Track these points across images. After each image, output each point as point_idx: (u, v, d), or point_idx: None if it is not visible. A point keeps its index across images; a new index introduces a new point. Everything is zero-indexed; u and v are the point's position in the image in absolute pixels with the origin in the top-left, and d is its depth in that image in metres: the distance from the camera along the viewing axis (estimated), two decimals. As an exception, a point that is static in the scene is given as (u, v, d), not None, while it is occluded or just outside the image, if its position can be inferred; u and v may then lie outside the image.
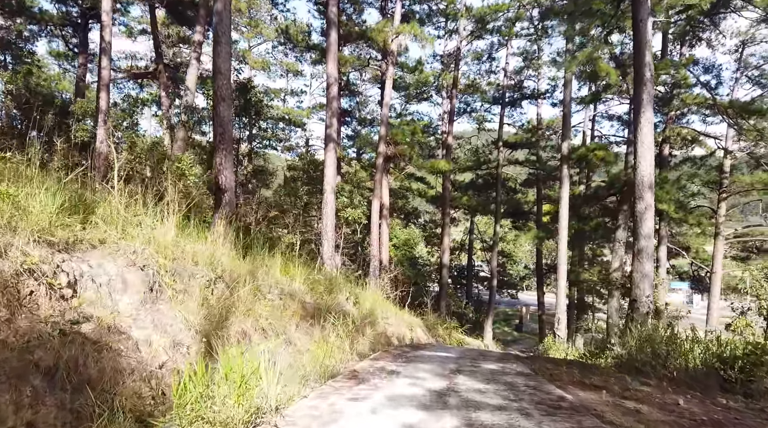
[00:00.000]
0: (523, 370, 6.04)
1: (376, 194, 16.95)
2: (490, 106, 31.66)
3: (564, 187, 17.04)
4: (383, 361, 6.63)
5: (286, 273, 9.46)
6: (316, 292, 9.90)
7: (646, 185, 9.18)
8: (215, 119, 8.65)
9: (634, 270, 9.31)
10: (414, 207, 33.86)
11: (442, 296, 24.50)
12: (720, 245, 24.83)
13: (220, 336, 5.32)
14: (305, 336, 7.62)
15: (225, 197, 8.49)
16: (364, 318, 11.80)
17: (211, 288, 5.96)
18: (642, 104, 9.30)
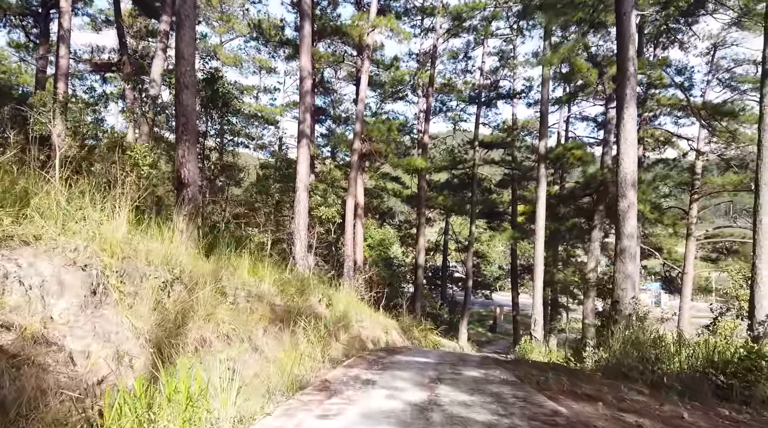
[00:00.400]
0: (508, 378, 5.62)
1: (351, 193, 16.43)
2: (466, 105, 31.47)
3: (541, 186, 16.82)
4: (358, 368, 6.14)
5: (254, 274, 8.89)
6: (286, 294, 9.35)
7: (629, 183, 8.92)
8: (177, 109, 8.04)
9: (616, 271, 9.04)
10: (389, 207, 33.44)
11: (417, 297, 24.12)
12: (691, 246, 25.07)
13: (175, 345, 4.77)
14: (274, 341, 7.09)
15: (188, 192, 7.87)
16: (338, 321, 11.31)
17: (167, 291, 5.39)
18: (625, 100, 9.03)
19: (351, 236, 16.37)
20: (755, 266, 9.73)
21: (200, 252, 7.70)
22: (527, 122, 32.07)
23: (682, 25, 20.17)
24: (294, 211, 15.00)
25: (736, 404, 5.13)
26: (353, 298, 13.61)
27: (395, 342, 14.44)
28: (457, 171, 31.31)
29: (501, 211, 33.63)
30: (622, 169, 9.00)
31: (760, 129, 9.93)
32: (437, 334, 23.29)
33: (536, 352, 15.26)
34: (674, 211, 27.18)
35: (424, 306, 26.09)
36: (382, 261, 23.98)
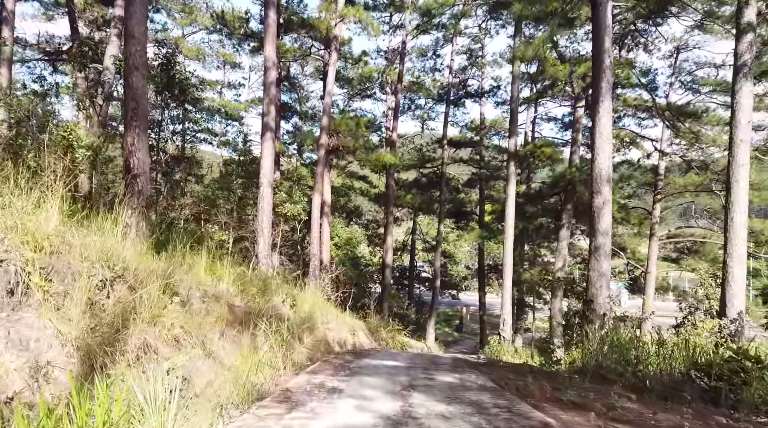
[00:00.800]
0: (486, 383, 5.21)
1: (317, 189, 15.84)
2: (435, 104, 31.26)
3: (510, 184, 16.62)
4: (323, 375, 5.63)
5: (212, 273, 8.26)
6: (247, 294, 8.74)
7: (605, 179, 8.67)
8: (126, 92, 7.35)
9: (590, 269, 8.78)
10: (356, 205, 32.91)
11: (384, 297, 23.68)
12: (654, 246, 25.42)
13: (112, 353, 4.16)
14: (232, 345, 6.51)
15: (137, 183, 7.20)
16: (302, 323, 10.76)
17: (107, 291, 4.76)
18: (601, 93, 8.79)
19: (317, 235, 15.79)
20: (726, 265, 9.65)
21: (151, 249, 7.05)
22: (495, 121, 32.04)
23: (649, 26, 20.35)
24: (257, 208, 14.35)
25: (724, 409, 4.84)
26: (319, 298, 13.05)
27: (362, 343, 13.95)
28: (425, 170, 31.05)
29: (468, 211, 33.54)
30: (597, 164, 8.75)
31: (732, 126, 9.87)
32: (405, 335, 22.90)
33: (505, 352, 15.03)
34: (638, 211, 27.58)
35: (391, 306, 25.68)
36: (349, 261, 23.42)
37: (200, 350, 5.69)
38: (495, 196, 32.86)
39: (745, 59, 9.72)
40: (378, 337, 15.56)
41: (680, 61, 25.54)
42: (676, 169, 27.37)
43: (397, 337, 18.37)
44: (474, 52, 30.69)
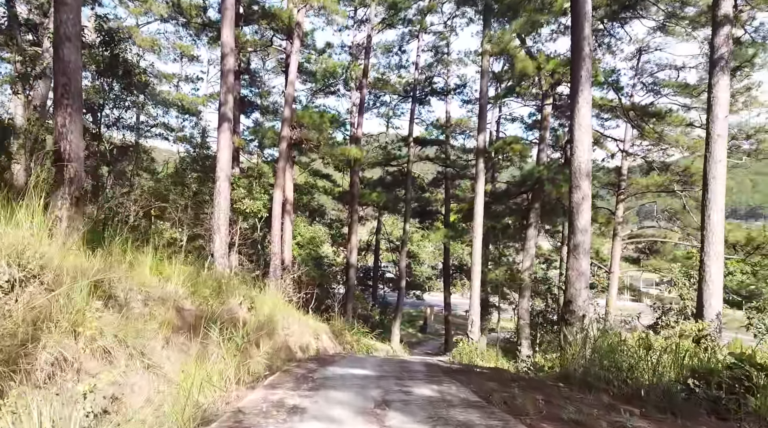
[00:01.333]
0: (469, 397, 4.58)
1: (278, 184, 14.95)
2: (400, 101, 30.72)
3: (479, 181, 16.18)
4: (283, 389, 4.89)
5: (159, 273, 7.39)
6: (199, 296, 7.89)
7: (584, 173, 8.22)
8: (57, 66, 6.42)
9: (569, 268, 8.31)
10: (320, 204, 32.02)
11: (349, 298, 22.94)
12: (618, 246, 25.59)
13: (16, 371, 3.34)
14: (179, 354, 5.70)
15: (69, 170, 6.28)
16: (261, 327, 9.94)
17: (15, 294, 3.91)
18: (580, 83, 8.35)
19: (278, 233, 14.88)
20: (703, 264, 9.37)
21: (84, 245, 6.14)
22: (461, 120, 31.77)
23: (614, 26, 20.37)
24: (213, 203, 13.40)
25: (732, 422, 4.36)
26: (280, 300, 12.24)
27: (326, 348, 13.20)
28: (391, 168, 30.47)
29: (433, 210, 33.15)
30: (576, 158, 8.30)
31: (709, 121, 9.61)
32: (370, 337, 22.24)
33: (475, 355, 14.55)
34: (602, 211, 27.74)
35: (355, 308, 24.96)
36: (312, 261, 22.60)
37: (138, 362, 4.88)
38: (461, 195, 32.62)
39: (722, 52, 9.48)
40: (342, 340, 14.84)
41: (642, 63, 25.82)
42: (638, 170, 27.70)
43: (362, 340, 17.69)
44: (440, 50, 30.32)
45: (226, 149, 13.42)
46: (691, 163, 22.71)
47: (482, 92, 16.67)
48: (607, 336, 6.39)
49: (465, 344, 14.91)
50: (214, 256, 13.28)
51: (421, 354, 31.55)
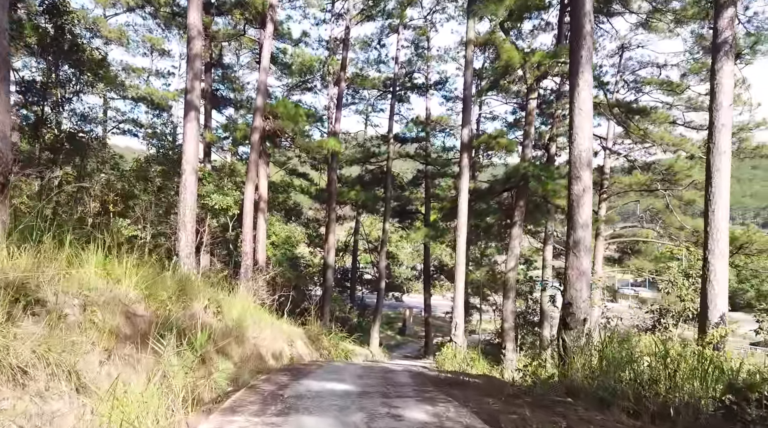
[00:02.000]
0: (474, 424, 3.77)
1: (251, 178, 13.92)
2: (380, 97, 29.91)
3: (463, 178, 15.43)
4: (245, 414, 4.02)
5: (107, 275, 6.42)
6: (156, 300, 6.93)
7: (585, 162, 7.51)
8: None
9: (568, 267, 7.59)
10: (296, 203, 30.99)
11: (326, 300, 22.02)
12: (600, 246, 25.21)
13: None
14: (124, 370, 4.78)
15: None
16: (229, 333, 9.04)
17: None
18: (580, 63, 7.65)
19: (250, 231, 13.85)
20: (707, 262, 8.77)
21: (11, 241, 5.18)
22: (441, 117, 31.14)
23: (598, 23, 19.92)
24: (179, 198, 12.39)
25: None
26: (251, 303, 11.31)
27: (302, 355, 12.30)
28: (370, 165, 29.63)
29: (413, 210, 32.39)
30: (576, 146, 7.59)
31: (712, 110, 9.03)
32: (349, 341, 21.38)
33: (459, 360, 13.80)
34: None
35: (333, 310, 24.06)
36: (287, 261, 21.62)
37: (64, 383, 3.96)
38: (441, 194, 31.96)
39: (726, 36, 8.91)
40: (319, 345, 13.94)
41: (624, 60, 25.54)
42: (619, 169, 27.43)
43: (340, 344, 16.82)
44: (420, 45, 29.66)
45: (193, 140, 12.43)
46: (675, 161, 22.44)
47: (466, 84, 15.94)
48: (620, 342, 5.66)
49: (449, 348, 14.16)
50: (179, 256, 12.28)
51: (400, 357, 30.77)
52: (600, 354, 5.99)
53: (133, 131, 35.50)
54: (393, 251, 44.58)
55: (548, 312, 24.50)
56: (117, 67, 34.54)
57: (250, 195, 13.57)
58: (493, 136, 16.64)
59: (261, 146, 14.08)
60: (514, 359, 17.47)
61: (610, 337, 6.32)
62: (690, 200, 23.32)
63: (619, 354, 5.34)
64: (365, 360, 17.00)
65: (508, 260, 18.06)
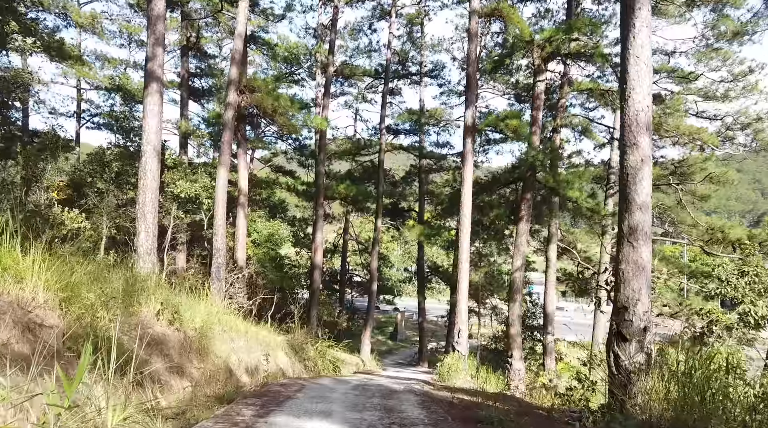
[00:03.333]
0: None
1: (223, 163, 12.03)
2: (370, 88, 28.18)
3: (467, 165, 13.70)
4: None
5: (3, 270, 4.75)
6: (80, 305, 5.19)
7: (643, 125, 5.87)
8: None
9: (622, 260, 5.92)
10: (281, 199, 29.16)
11: (313, 304, 20.25)
12: (609, 245, 23.65)
13: None
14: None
15: None
16: (188, 346, 7.35)
17: None
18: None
19: (223, 223, 11.95)
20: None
21: None
22: (436, 110, 29.44)
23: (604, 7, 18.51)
24: (138, 185, 10.61)
25: None
26: (220, 308, 9.55)
27: (282, 368, 10.55)
28: (361, 157, 27.85)
29: (405, 208, 30.65)
30: (632, 104, 5.95)
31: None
32: (337, 348, 19.67)
33: (465, 372, 12.12)
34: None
35: (321, 315, 22.29)
36: (270, 261, 19.84)
37: None
38: (436, 191, 30.33)
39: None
40: (304, 356, 12.19)
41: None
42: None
43: (328, 353, 15.10)
44: (413, 34, 28.04)
45: (155, 116, 10.68)
46: (689, 153, 20.99)
47: (470, 59, 14.21)
48: (704, 362, 4.01)
49: (452, 358, 12.48)
50: (138, 252, 10.49)
51: (393, 364, 29.07)
52: (682, 378, 4.32)
53: (111, 124, 33.54)
54: (383, 252, 42.82)
55: (551, 316, 22.96)
56: (90, 57, 32.72)
57: (222, 181, 11.75)
58: (502, 117, 14.92)
59: (237, 126, 12.24)
60: (521, 368, 15.83)
61: (692, 355, 4.65)
62: (703, 195, 21.89)
63: (716, 382, 3.68)
64: (357, 372, 15.28)
65: (514, 259, 16.44)
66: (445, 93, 31.04)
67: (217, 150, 28.51)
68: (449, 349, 28.98)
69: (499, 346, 28.66)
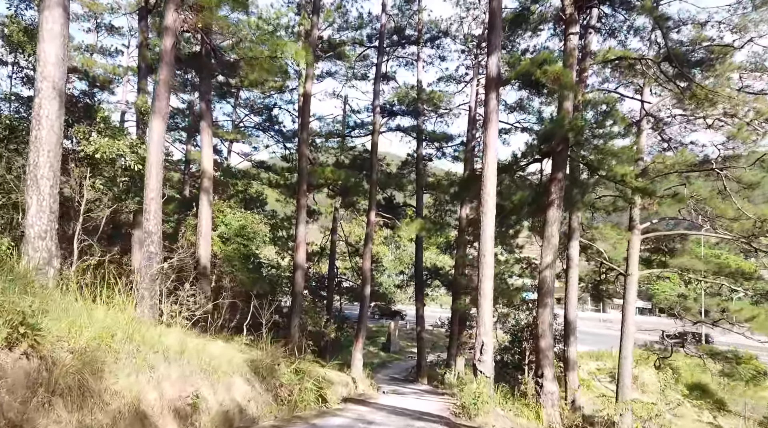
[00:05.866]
0: None
1: (158, 110, 8.52)
2: (362, 61, 24.98)
3: (491, 127, 10.45)
4: None
5: None
6: None
7: None
8: None
9: None
10: (259, 191, 25.86)
11: (294, 310, 16.95)
12: (636, 241, 20.65)
13: None
14: None
15: None
16: (50, 383, 3.80)
17: None
18: None
19: (156, 195, 8.27)
20: None
21: None
22: (434, 93, 26.27)
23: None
24: (30, 138, 7.35)
25: None
26: (130, 315, 6.28)
27: (240, 403, 7.28)
28: (351, 141, 24.66)
29: (401, 204, 27.45)
30: None
31: None
32: (322, 364, 16.39)
33: (495, 404, 8.92)
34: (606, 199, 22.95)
35: (304, 324, 18.99)
36: (241, 259, 16.54)
37: None
38: (434, 183, 27.21)
39: None
40: (275, 381, 8.88)
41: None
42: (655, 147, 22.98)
43: (314, 370, 11.86)
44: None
45: (56, 39, 7.52)
46: (737, 131, 17.98)
47: (494, -12, 11.13)
48: None
49: (477, 384, 9.28)
50: (26, 235, 7.23)
51: (387, 379, 25.83)
52: None
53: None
54: (375, 254, 39.47)
55: (573, 324, 19.81)
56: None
57: (158, 137, 8.33)
58: (538, 60, 11.61)
59: (173, 57, 8.83)
60: (555, 391, 12.65)
61: None
62: (751, 182, 18.95)
63: None
64: (346, 399, 11.98)
65: (544, 253, 13.30)
66: (444, 79, 28.11)
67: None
68: (450, 363, 26.02)
69: (506, 357, 25.70)
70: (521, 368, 24.85)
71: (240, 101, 30.42)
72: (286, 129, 29.08)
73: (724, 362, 21.20)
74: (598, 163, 13.26)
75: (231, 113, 31.44)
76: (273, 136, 30.08)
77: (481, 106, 29.55)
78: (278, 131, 29.19)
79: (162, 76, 8.41)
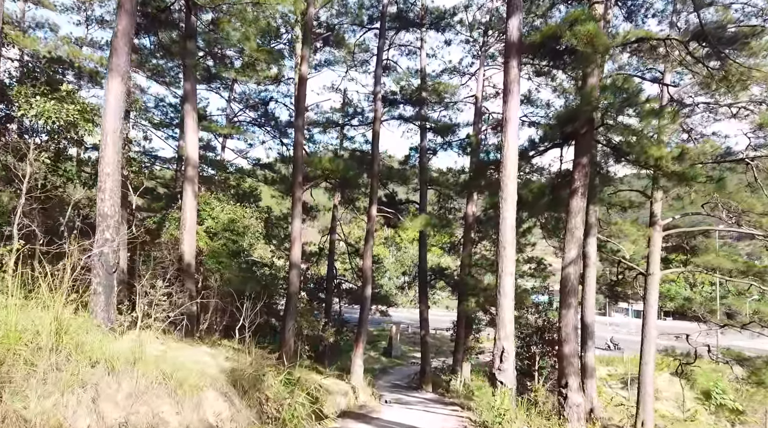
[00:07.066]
0: None
1: (116, 67, 7.15)
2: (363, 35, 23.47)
3: (512, 99, 9.03)
4: None
5: None
6: None
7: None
8: None
9: None
10: (253, 187, 24.46)
11: (289, 313, 15.54)
12: (657, 238, 19.22)
13: None
14: None
15: None
16: None
17: None
18: None
19: (112, 171, 6.84)
20: None
21: None
22: (439, 83, 24.89)
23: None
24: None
25: None
26: (65, 314, 4.88)
27: (208, 423, 5.85)
28: (351, 129, 23.24)
29: (403, 201, 26.03)
30: None
31: None
32: (319, 370, 14.98)
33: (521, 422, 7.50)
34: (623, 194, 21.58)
35: (300, 327, 17.59)
36: (229, 256, 15.15)
37: None
38: (439, 179, 25.83)
39: None
40: (258, 397, 7.46)
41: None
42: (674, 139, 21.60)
43: (308, 378, 10.47)
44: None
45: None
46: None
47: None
48: None
49: (500, 397, 7.89)
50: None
51: (389, 386, 24.40)
52: None
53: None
54: (375, 255, 38.01)
55: (591, 327, 18.42)
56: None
57: (115, 100, 6.89)
58: (568, 19, 10.13)
59: (137, 11, 7.50)
60: (581, 402, 11.22)
61: None
62: (782, 173, 17.60)
63: None
64: (345, 412, 10.55)
65: (567, 248, 11.92)
66: (447, 70, 26.75)
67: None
68: (455, 368, 24.58)
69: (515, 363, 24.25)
70: (531, 374, 23.60)
71: (235, 95, 29.11)
72: (283, 124, 27.80)
73: (751, 368, 19.82)
74: (627, 146, 11.86)
75: (225, 108, 30.15)
76: (269, 131, 28.78)
77: (486, 99, 28.34)
78: (274, 126, 27.89)
79: (120, 26, 7.00)
